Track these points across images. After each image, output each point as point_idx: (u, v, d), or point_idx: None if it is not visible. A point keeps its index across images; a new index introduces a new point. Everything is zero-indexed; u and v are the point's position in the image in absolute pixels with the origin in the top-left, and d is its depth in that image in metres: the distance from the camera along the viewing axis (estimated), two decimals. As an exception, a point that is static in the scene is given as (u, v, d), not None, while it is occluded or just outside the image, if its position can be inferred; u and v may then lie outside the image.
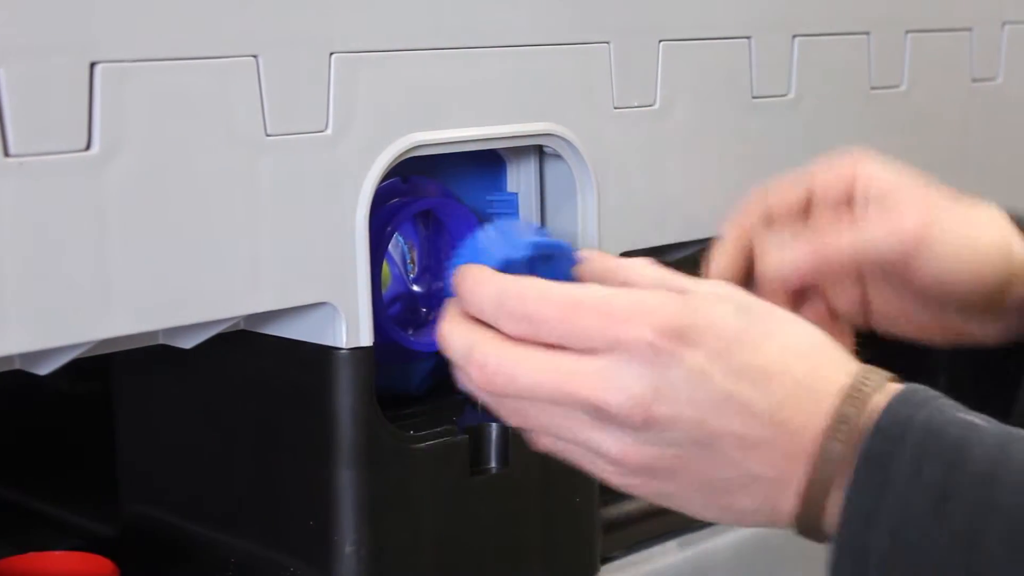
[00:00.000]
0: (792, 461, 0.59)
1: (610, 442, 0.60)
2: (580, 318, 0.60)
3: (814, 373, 0.60)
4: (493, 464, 0.77)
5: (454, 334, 0.63)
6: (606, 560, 0.84)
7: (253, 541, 0.76)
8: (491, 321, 0.62)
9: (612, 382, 0.59)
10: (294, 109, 0.68)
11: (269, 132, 0.67)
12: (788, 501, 0.60)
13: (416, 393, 0.78)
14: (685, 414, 0.59)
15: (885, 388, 0.59)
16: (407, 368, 0.78)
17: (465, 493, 0.75)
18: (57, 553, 0.77)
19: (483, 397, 0.63)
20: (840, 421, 0.58)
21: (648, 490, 0.63)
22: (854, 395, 0.59)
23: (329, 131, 0.69)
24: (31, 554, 0.77)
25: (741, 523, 0.63)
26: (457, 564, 0.75)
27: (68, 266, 0.62)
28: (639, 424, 0.59)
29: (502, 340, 0.61)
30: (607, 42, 0.81)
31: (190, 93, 0.65)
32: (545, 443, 0.64)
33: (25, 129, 0.60)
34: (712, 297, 0.61)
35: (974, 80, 1.05)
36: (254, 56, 0.67)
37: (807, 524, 0.60)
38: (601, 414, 0.60)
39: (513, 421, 0.63)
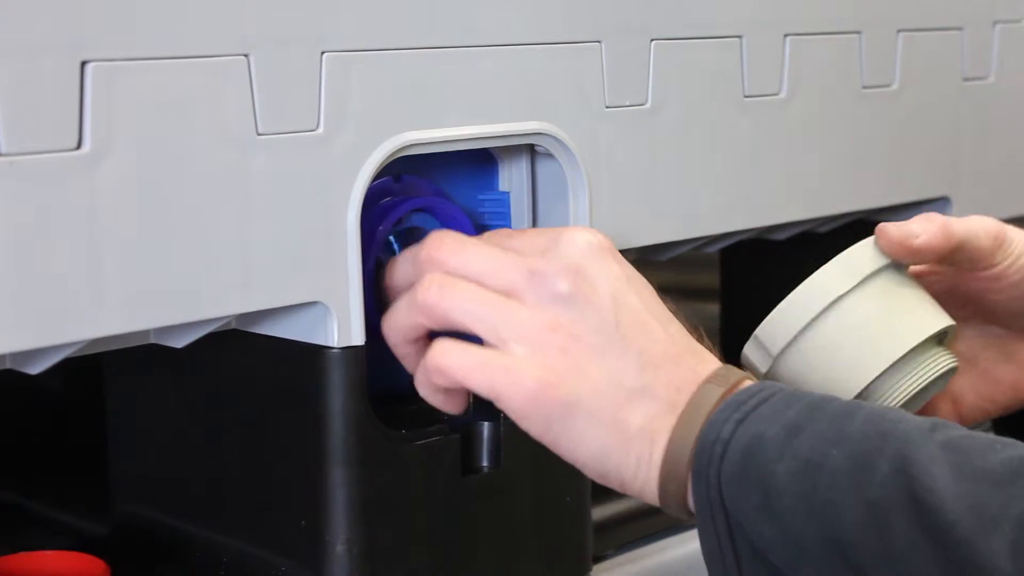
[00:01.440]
0: (679, 393, 0.66)
1: (530, 312, 0.67)
2: (531, 234, 0.70)
3: (699, 348, 0.68)
4: (485, 463, 0.77)
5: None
6: (598, 559, 0.84)
7: (245, 540, 0.76)
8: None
9: (550, 256, 0.68)
10: (285, 108, 0.68)
11: (260, 131, 0.67)
12: (665, 434, 0.65)
13: (408, 393, 0.78)
14: (604, 306, 0.67)
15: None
16: (399, 367, 0.78)
17: (457, 492, 0.75)
18: (49, 553, 0.77)
19: (424, 266, 0.69)
20: (720, 375, 0.66)
21: (549, 395, 0.66)
22: (731, 367, 0.68)
23: (320, 130, 0.69)
24: (22, 554, 0.77)
25: (617, 466, 0.67)
26: (449, 563, 0.75)
27: (59, 265, 0.62)
28: (565, 289, 0.67)
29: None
30: (599, 41, 0.81)
31: (181, 92, 0.65)
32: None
33: (16, 128, 0.60)
34: None
35: (965, 79, 1.05)
36: (245, 55, 0.67)
37: (671, 472, 0.65)
38: (533, 278, 0.67)
39: (432, 293, 0.68)
